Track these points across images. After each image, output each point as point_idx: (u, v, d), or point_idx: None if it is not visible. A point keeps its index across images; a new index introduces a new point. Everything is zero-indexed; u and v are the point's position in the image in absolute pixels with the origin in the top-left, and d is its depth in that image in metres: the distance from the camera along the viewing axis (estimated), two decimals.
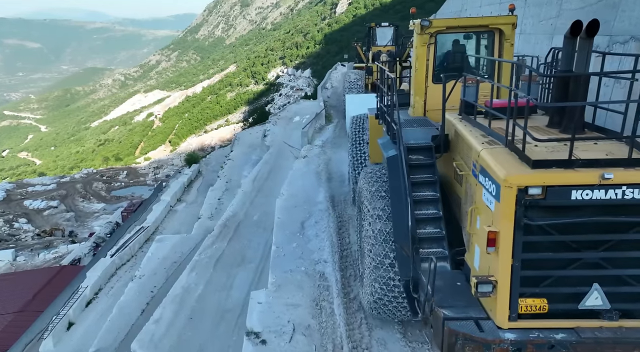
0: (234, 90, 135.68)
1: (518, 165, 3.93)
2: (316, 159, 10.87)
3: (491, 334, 3.96)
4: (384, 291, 5.21)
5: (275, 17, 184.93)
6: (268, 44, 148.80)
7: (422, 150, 5.27)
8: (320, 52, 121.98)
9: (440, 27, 6.32)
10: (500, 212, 3.85)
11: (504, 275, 3.92)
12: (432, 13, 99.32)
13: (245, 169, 34.13)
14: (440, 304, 4.27)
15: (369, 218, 5.28)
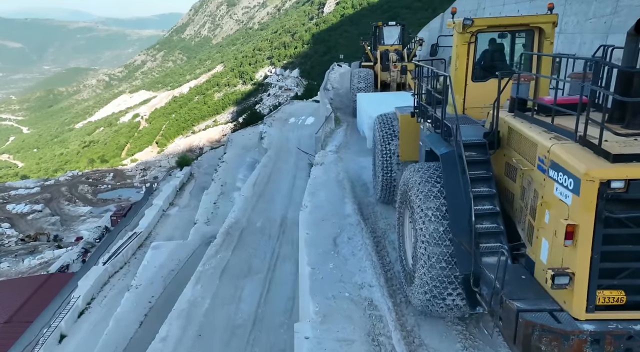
0: (222, 90, 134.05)
1: (596, 160, 3.95)
2: (334, 166, 10.27)
3: (570, 325, 3.97)
4: (438, 288, 5.28)
5: (263, 16, 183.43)
6: (255, 43, 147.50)
7: (476, 147, 5.33)
8: (309, 52, 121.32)
9: (481, 26, 6.33)
10: (580, 205, 3.90)
11: (582, 267, 3.95)
12: (420, 13, 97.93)
13: (240, 172, 33.33)
14: (510, 297, 4.27)
15: (423, 217, 5.32)
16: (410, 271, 5.78)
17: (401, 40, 18.93)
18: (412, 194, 5.65)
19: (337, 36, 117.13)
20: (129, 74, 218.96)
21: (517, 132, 5.14)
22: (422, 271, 5.37)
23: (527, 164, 4.85)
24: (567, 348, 3.94)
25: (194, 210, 32.96)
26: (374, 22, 20.27)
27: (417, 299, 5.56)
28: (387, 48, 18.18)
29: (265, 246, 14.81)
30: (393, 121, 8.87)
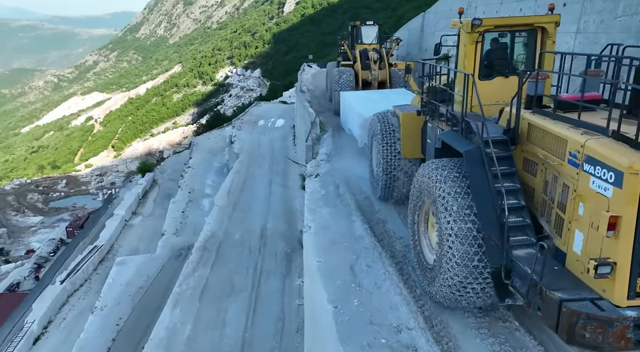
0: (181, 91, 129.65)
1: (635, 154, 4.08)
2: (330, 178, 9.40)
3: (614, 312, 4.14)
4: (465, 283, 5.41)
5: (221, 16, 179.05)
6: (215, 43, 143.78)
7: (499, 143, 5.47)
8: (270, 51, 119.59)
9: (489, 26, 6.41)
10: (623, 197, 4.03)
11: (624, 256, 4.11)
12: (380, 13, 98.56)
13: (208, 177, 31.71)
14: (550, 288, 4.42)
15: (449, 214, 5.44)
16: (431, 267, 5.93)
17: (378, 39, 19.02)
18: (435, 191, 5.72)
19: (299, 36, 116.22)
20: (80, 75, 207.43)
21: (540, 128, 5.26)
22: (448, 266, 5.46)
23: (555, 159, 4.95)
24: (611, 334, 4.11)
25: (159, 219, 30.99)
26: (349, 22, 20.14)
27: (441, 294, 5.69)
28: (366, 47, 18.17)
29: (247, 260, 13.76)
30: (392, 119, 8.94)
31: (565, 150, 4.78)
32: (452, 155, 6.21)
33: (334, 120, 14.99)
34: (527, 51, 6.79)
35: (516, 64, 6.98)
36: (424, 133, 8.06)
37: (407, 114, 8.47)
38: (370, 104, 12.63)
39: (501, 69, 6.74)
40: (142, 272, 19.73)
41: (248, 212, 16.39)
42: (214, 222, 15.67)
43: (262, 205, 17.15)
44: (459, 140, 6.05)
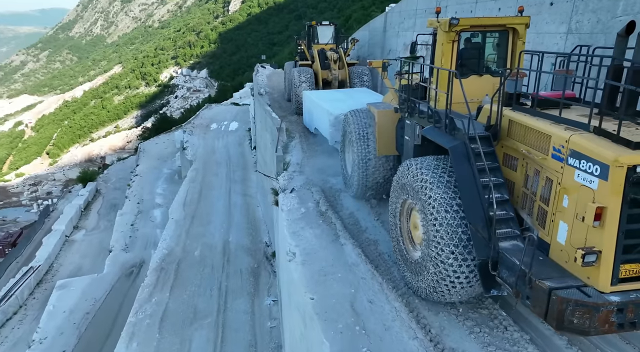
0: (122, 93, 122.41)
1: (618, 148, 4.25)
2: (307, 192, 8.48)
3: (600, 298, 4.32)
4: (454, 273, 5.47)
5: (162, 14, 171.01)
6: (157, 43, 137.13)
7: (481, 139, 5.56)
8: (217, 51, 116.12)
9: (465, 26, 6.57)
10: (608, 189, 4.21)
11: (609, 245, 4.30)
12: (327, 13, 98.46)
13: (158, 185, 29.58)
14: (539, 277, 4.58)
15: (435, 209, 5.54)
16: (416, 263, 6.02)
17: (335, 39, 18.90)
18: (420, 188, 5.82)
19: (246, 35, 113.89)
20: (6, 76, 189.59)
21: (522, 124, 5.41)
22: (435, 261, 5.54)
23: (539, 154, 5.10)
24: (597, 319, 4.28)
25: (105, 233, 28.39)
26: (305, 22, 19.90)
27: (425, 285, 5.79)
28: (323, 47, 18.10)
29: (209, 280, 12.54)
30: (366, 117, 8.99)
31: (549, 145, 4.93)
32: (431, 151, 6.37)
33: (298, 123, 14.13)
34: (498, 51, 7.00)
35: (487, 63, 7.14)
36: (400, 130, 8.14)
37: (383, 112, 8.50)
38: (338, 102, 12.79)
39: (476, 68, 6.93)
40: (88, 295, 17.73)
41: (207, 226, 15.12)
42: (170, 238, 14.25)
43: (222, 217, 15.91)
44: (442, 136, 6.13)
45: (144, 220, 23.65)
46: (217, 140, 25.20)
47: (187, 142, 24.03)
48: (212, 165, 21.24)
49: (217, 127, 28.22)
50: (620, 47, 4.92)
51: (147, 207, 25.27)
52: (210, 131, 27.41)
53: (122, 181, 34.89)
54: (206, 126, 28.48)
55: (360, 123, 8.86)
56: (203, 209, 16.54)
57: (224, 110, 33.17)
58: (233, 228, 14.98)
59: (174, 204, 16.94)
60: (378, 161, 8.63)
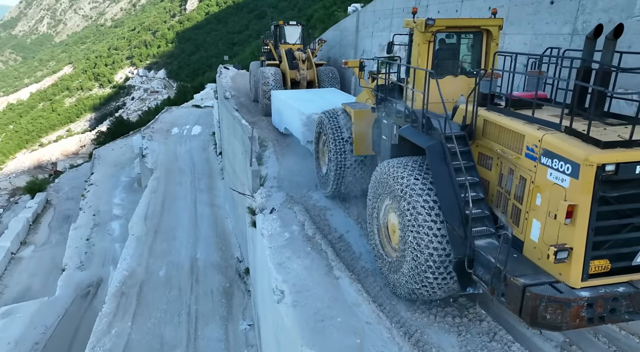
0: (74, 95, 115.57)
1: (588, 147, 4.34)
2: (290, 212, 7.51)
3: (571, 293, 4.41)
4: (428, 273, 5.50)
5: (115, 12, 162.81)
6: (111, 42, 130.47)
7: (457, 138, 5.63)
8: (175, 51, 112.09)
9: (441, 27, 6.62)
10: (579, 187, 4.30)
11: (580, 242, 4.38)
12: (287, 12, 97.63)
13: (115, 195, 27.47)
14: (514, 274, 4.65)
15: (412, 208, 5.55)
16: (393, 262, 6.03)
17: (302, 39, 18.79)
18: (396, 187, 5.82)
19: (205, 35, 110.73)
20: None
21: (496, 124, 5.49)
22: (412, 260, 5.57)
23: (512, 153, 5.18)
24: (569, 314, 4.37)
25: (57, 248, 25.99)
26: (275, 22, 19.49)
27: (403, 284, 5.79)
28: (290, 47, 17.88)
29: (177, 303, 11.31)
30: (341, 117, 8.91)
31: (522, 145, 5.01)
32: (408, 150, 6.40)
33: (269, 128, 13.14)
34: (473, 52, 7.07)
35: (462, 63, 7.22)
36: (377, 130, 8.09)
37: (360, 112, 8.45)
38: (308, 102, 12.59)
39: (451, 68, 7.00)
40: (37, 322, 15.88)
41: (172, 241, 13.84)
42: (130, 257, 12.87)
43: (188, 230, 14.65)
44: (419, 136, 6.18)
45: (100, 234, 21.77)
46: (179, 145, 23.64)
47: (146, 149, 22.32)
48: (175, 173, 19.78)
49: (178, 132, 26.57)
50: (589, 49, 5.00)
51: (104, 219, 23.34)
52: (171, 136, 25.74)
53: (75, 190, 32.33)
54: (167, 131, 26.76)
55: (336, 123, 8.79)
56: (167, 223, 15.18)
57: (186, 114, 31.42)
58: (201, 243, 13.78)
59: (134, 218, 15.46)
60: (355, 161, 8.63)
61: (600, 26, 4.92)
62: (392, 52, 7.93)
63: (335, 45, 19.27)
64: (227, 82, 20.13)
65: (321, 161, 9.59)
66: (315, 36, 20.95)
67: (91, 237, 21.42)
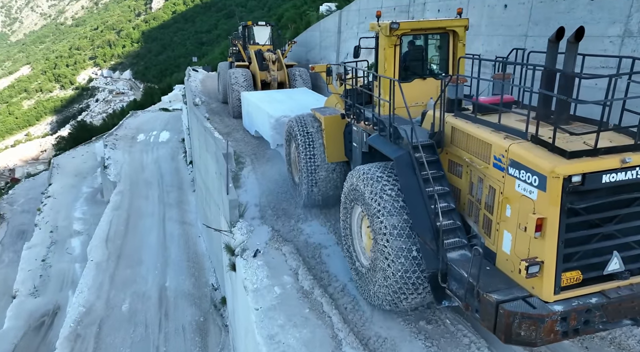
0: (33, 97, 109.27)
1: (554, 157, 4.22)
2: (278, 255, 6.12)
3: (544, 309, 4.25)
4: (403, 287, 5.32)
5: (76, 11, 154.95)
6: (72, 42, 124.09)
7: (426, 147, 5.48)
8: (141, 51, 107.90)
9: (406, 29, 6.49)
10: (547, 200, 4.17)
11: (550, 255, 4.24)
12: (256, 11, 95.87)
13: (76, 208, 25.09)
14: (487, 290, 4.48)
15: (381, 222, 5.35)
16: (367, 270, 5.87)
17: (272, 40, 18.23)
18: (368, 195, 5.63)
19: (172, 34, 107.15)
20: None
21: (464, 132, 5.33)
22: (384, 270, 5.40)
23: (481, 163, 5.04)
24: (543, 330, 4.23)
25: (10, 268, 23.41)
26: (243, 22, 18.94)
27: (379, 297, 5.62)
28: (260, 48, 17.37)
29: (143, 344, 9.69)
30: (311, 123, 8.56)
31: (489, 154, 4.87)
32: (380, 157, 6.18)
33: (245, 140, 11.69)
34: (440, 53, 6.89)
35: (431, 66, 7.08)
36: (348, 136, 7.87)
37: (330, 118, 8.21)
38: (278, 104, 12.24)
39: (419, 71, 6.86)
40: None
41: (138, 267, 12.20)
42: (88, 289, 11.16)
43: (155, 253, 13.01)
44: (387, 145, 6.02)
45: (58, 253, 19.61)
46: (145, 154, 21.69)
47: (108, 159, 20.28)
48: (141, 186, 17.94)
49: (144, 139, 24.55)
50: (552, 52, 4.88)
51: (63, 236, 21.14)
52: (136, 143, 23.71)
53: (32, 202, 29.59)
54: (132, 138, 24.68)
55: (306, 129, 8.43)
56: (131, 245, 13.47)
57: (152, 118, 29.30)
58: (170, 268, 12.18)
59: (94, 240, 13.65)
60: (327, 168, 8.33)
61: (562, 29, 4.75)
62: (359, 56, 7.55)
63: (314, 47, 18.00)
64: (196, 86, 18.47)
65: (293, 168, 9.26)
66: (286, 37, 20.56)
67: (48, 258, 19.24)
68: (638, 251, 4.51)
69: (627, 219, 4.40)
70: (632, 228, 4.45)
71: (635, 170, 4.20)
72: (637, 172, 4.22)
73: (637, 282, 4.51)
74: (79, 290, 11.23)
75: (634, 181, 4.24)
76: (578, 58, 4.74)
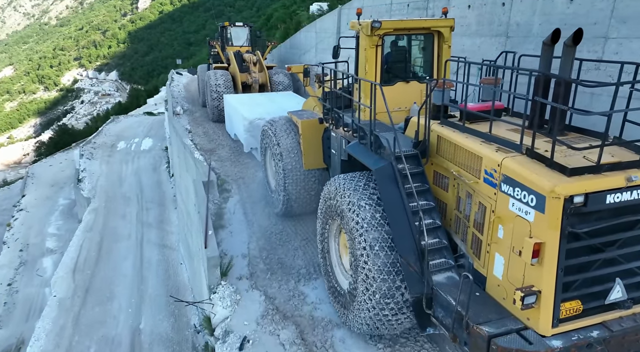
0: (15, 98, 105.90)
1: (554, 174, 3.79)
2: (274, 345, 4.47)
3: (541, 345, 3.82)
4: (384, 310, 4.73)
5: (61, 10, 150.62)
6: (56, 42, 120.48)
7: (409, 158, 4.99)
8: (127, 52, 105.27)
9: (388, 29, 5.99)
10: (546, 222, 3.73)
11: (548, 284, 3.82)
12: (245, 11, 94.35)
13: (50, 223, 22.99)
14: (477, 321, 4.02)
15: (361, 241, 4.79)
16: (346, 293, 5.27)
17: (251, 41, 17.75)
18: (346, 210, 5.04)
19: (159, 34, 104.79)
20: None
21: (451, 142, 4.88)
22: (365, 292, 4.83)
23: (470, 177, 4.58)
24: None
25: None
26: (218, 22, 18.93)
27: (359, 321, 5.05)
28: (239, 49, 16.91)
29: None
30: (288, 127, 8.06)
31: (480, 168, 4.43)
32: (361, 166, 5.63)
33: (232, 159, 9.98)
34: (424, 55, 6.46)
35: (415, 68, 6.65)
36: (327, 141, 7.33)
37: (307, 122, 7.65)
38: (257, 107, 11.90)
39: (402, 74, 6.46)
40: None
41: (108, 304, 10.43)
42: (47, 335, 9.37)
43: (130, 286, 11.23)
44: (367, 155, 5.52)
45: (27, 275, 17.62)
46: (125, 165, 19.78)
47: (84, 171, 18.34)
48: (118, 202, 16.08)
49: (125, 147, 22.60)
50: (547, 56, 4.50)
51: (34, 255, 19.13)
52: (116, 152, 21.75)
53: (5, 215, 27.38)
54: (111, 146, 22.71)
55: (282, 134, 7.95)
56: (103, 275, 11.66)
57: (135, 123, 27.28)
58: (146, 305, 10.42)
59: (60, 270, 11.80)
60: (305, 176, 7.75)
61: (558, 31, 4.32)
62: (338, 56, 6.99)
63: (309, 49, 16.40)
64: (179, 92, 16.70)
65: (269, 175, 8.79)
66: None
67: (15, 281, 17.25)
68: None
69: (630, 243, 3.98)
70: (636, 253, 4.01)
71: None
72: None
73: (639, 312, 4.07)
74: (35, 337, 9.42)
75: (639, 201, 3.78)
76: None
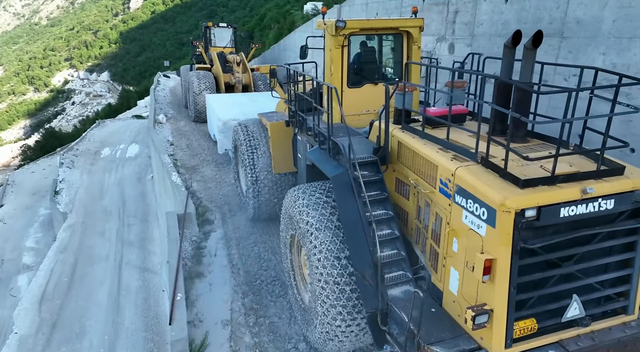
0: (5, 100, 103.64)
1: (506, 186, 3.58)
2: None
3: None
4: (341, 327, 4.56)
5: (51, 10, 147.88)
6: (46, 42, 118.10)
7: (368, 165, 4.81)
8: (119, 52, 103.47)
9: (354, 29, 5.85)
10: (497, 238, 3.53)
11: (501, 303, 3.63)
12: (238, 11, 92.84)
13: (29, 236, 21.36)
14: (429, 341, 3.79)
15: (317, 259, 4.52)
16: (307, 308, 5.09)
17: (234, 42, 17.65)
18: (302, 223, 4.84)
19: (151, 35, 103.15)
20: None
21: (409, 148, 4.72)
22: (322, 307, 4.66)
23: (427, 186, 4.38)
24: None
25: None
26: (204, 22, 18.53)
27: (319, 338, 4.85)
28: (222, 50, 16.87)
29: None
30: (258, 129, 7.83)
31: (436, 177, 4.22)
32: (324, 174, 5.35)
33: (216, 179, 8.68)
34: (394, 57, 6.30)
35: (385, 70, 6.49)
36: (295, 145, 7.04)
37: (276, 124, 7.46)
38: (235, 107, 11.94)
39: (370, 76, 6.25)
40: None
41: (77, 342, 9.04)
42: None
43: (104, 319, 9.80)
44: (326, 161, 5.28)
45: (0, 295, 16.08)
46: (108, 174, 18.29)
47: (62, 182, 16.84)
48: (98, 217, 14.62)
49: (110, 154, 21.07)
50: (508, 59, 4.24)
51: (9, 271, 17.52)
52: (99, 160, 20.23)
53: None
54: (95, 153, 21.18)
55: (252, 136, 7.85)
56: (74, 306, 10.22)
57: (122, 128, 25.70)
58: (121, 343, 9.01)
59: (25, 300, 10.35)
60: (274, 179, 7.63)
61: (518, 33, 4.06)
62: (306, 56, 6.77)
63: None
64: (165, 96, 15.36)
65: (241, 178, 8.68)
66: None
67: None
68: (600, 293, 3.95)
69: (587, 257, 3.81)
70: (593, 268, 3.85)
71: (598, 202, 3.58)
72: (599, 204, 3.60)
73: (599, 329, 3.92)
74: None
75: (596, 214, 3.60)
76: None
